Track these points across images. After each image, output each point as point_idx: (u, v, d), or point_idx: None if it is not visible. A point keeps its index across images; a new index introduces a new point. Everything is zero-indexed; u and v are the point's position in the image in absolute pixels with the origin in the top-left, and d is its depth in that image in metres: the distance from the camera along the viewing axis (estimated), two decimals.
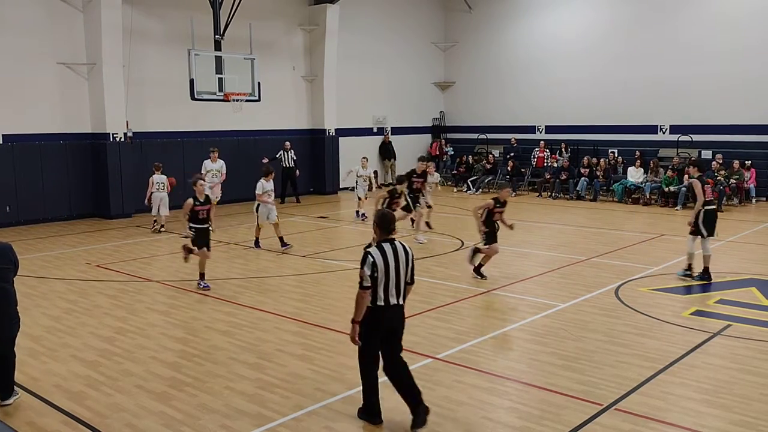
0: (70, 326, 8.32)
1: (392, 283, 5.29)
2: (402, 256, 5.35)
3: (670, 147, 20.65)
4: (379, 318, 5.34)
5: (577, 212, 18.15)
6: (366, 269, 5.19)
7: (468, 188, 22.76)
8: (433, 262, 11.81)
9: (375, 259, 5.22)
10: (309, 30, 21.85)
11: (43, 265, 11.78)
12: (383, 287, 5.26)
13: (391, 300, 5.31)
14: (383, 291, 5.28)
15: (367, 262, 5.21)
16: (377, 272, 5.19)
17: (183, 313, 8.87)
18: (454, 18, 26.23)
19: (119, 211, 17.23)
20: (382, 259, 5.23)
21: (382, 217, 5.46)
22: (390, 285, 5.29)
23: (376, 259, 5.21)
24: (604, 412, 5.70)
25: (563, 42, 22.97)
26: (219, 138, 19.44)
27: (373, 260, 5.21)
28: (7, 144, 15.89)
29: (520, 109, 24.19)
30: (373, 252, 5.25)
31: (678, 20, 20.61)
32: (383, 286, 5.26)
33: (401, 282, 5.36)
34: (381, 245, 5.31)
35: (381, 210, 5.65)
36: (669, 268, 10.98)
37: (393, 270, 5.28)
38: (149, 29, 17.93)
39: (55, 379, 6.57)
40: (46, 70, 16.34)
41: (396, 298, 5.35)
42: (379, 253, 5.26)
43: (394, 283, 5.31)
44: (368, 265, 5.19)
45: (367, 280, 5.20)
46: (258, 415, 5.70)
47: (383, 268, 5.22)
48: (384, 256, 5.26)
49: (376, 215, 5.51)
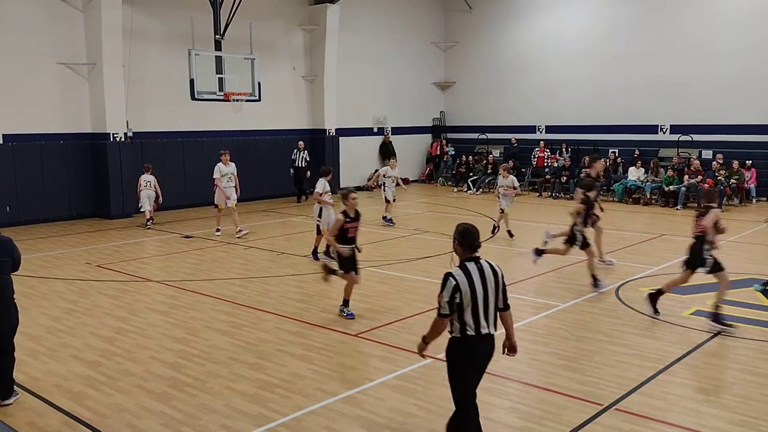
0: (71, 326, 8.32)
1: (481, 308, 4.54)
2: (490, 277, 4.60)
3: (670, 147, 20.65)
4: (471, 352, 4.61)
5: None
6: (444, 294, 4.48)
7: (468, 188, 22.76)
8: (433, 262, 11.81)
9: (458, 281, 4.47)
10: (309, 30, 21.85)
11: (44, 265, 11.78)
12: (471, 314, 4.52)
13: (482, 329, 4.56)
14: (472, 318, 4.53)
15: (447, 285, 4.48)
16: (460, 297, 4.46)
17: (183, 313, 8.87)
18: (455, 18, 26.23)
19: (119, 211, 17.23)
20: (467, 282, 4.49)
21: (464, 231, 4.68)
22: (479, 311, 4.54)
23: (459, 282, 4.47)
24: (605, 412, 5.70)
25: (563, 42, 22.97)
26: (219, 138, 19.46)
27: (455, 283, 4.47)
28: (8, 144, 15.90)
29: (521, 109, 24.19)
30: (455, 274, 4.52)
31: (678, 20, 20.61)
32: (471, 313, 4.52)
33: (490, 307, 4.60)
34: (464, 265, 4.59)
35: (463, 224, 4.79)
36: (669, 268, 10.97)
37: (481, 294, 4.52)
38: (149, 29, 17.94)
39: (55, 379, 6.57)
40: (46, 70, 16.35)
41: (487, 326, 4.60)
42: (463, 274, 4.52)
43: (483, 308, 4.55)
44: (448, 290, 4.47)
45: (445, 308, 4.48)
46: (258, 415, 5.70)
47: (469, 292, 4.48)
48: (469, 277, 4.51)
49: (458, 229, 4.72)
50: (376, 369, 6.74)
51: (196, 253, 12.84)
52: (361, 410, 5.78)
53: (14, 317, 6.11)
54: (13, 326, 6.11)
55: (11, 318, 6.08)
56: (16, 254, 6.12)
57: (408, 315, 8.57)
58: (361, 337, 7.74)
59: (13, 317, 6.09)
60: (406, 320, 8.37)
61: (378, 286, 10.16)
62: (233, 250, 13.15)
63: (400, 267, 11.42)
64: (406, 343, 7.45)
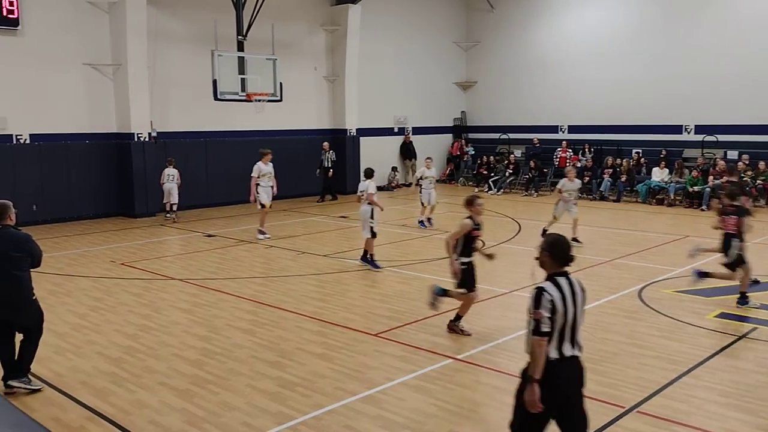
0: (95, 323, 8.44)
1: (569, 328, 4.16)
2: (579, 295, 4.24)
3: (695, 147, 20.37)
4: (553, 378, 4.09)
5: (600, 213, 17.98)
6: (544, 309, 4.07)
7: (489, 188, 22.67)
8: None
9: (553, 297, 4.10)
10: (331, 30, 21.92)
11: (69, 263, 11.96)
12: (560, 333, 4.13)
13: (566, 351, 4.15)
14: (557, 338, 4.13)
15: (544, 301, 4.08)
16: (554, 314, 4.09)
17: (205, 311, 8.96)
18: (476, 17, 26.14)
19: (143, 210, 17.44)
20: (561, 299, 4.12)
21: (555, 243, 4.31)
22: (566, 331, 4.15)
23: (555, 299, 4.09)
24: (627, 414, 5.65)
25: (586, 41, 22.77)
26: (241, 138, 19.60)
27: (551, 300, 4.08)
28: (35, 143, 16.17)
29: (543, 108, 24.02)
30: (549, 289, 4.13)
31: (703, 19, 20.33)
32: (560, 332, 4.13)
33: (577, 327, 4.22)
34: (555, 280, 4.20)
35: (554, 234, 4.45)
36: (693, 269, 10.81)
37: (571, 312, 4.16)
38: (173, 30, 18.13)
39: (80, 376, 6.67)
40: (72, 70, 16.60)
41: (572, 347, 4.19)
42: (556, 289, 4.15)
43: (570, 328, 4.17)
44: (546, 305, 4.07)
45: (547, 324, 4.06)
46: (279, 413, 5.73)
47: (562, 311, 4.10)
48: (561, 294, 4.14)
49: (548, 240, 4.36)
50: (396, 369, 6.75)
51: (218, 252, 12.95)
52: (380, 410, 5.79)
53: (37, 313, 6.28)
54: (35, 322, 6.27)
55: (33, 314, 6.25)
56: (36, 251, 6.25)
57: (428, 315, 8.56)
58: (381, 337, 7.75)
59: (36, 314, 6.26)
60: (425, 320, 8.36)
61: (398, 286, 10.17)
62: (255, 249, 13.24)
63: (419, 267, 11.41)
64: (426, 344, 7.46)
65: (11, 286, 6.08)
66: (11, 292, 6.10)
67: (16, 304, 6.14)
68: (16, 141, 15.93)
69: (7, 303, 6.10)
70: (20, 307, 6.16)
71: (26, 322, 6.23)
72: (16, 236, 6.15)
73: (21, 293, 6.13)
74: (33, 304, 6.25)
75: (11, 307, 6.13)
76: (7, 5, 15.14)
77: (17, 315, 6.17)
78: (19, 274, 6.10)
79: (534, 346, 4.09)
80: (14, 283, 6.08)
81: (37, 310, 6.30)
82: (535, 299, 4.13)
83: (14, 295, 6.11)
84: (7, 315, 6.14)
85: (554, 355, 4.11)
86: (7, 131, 15.75)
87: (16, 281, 6.08)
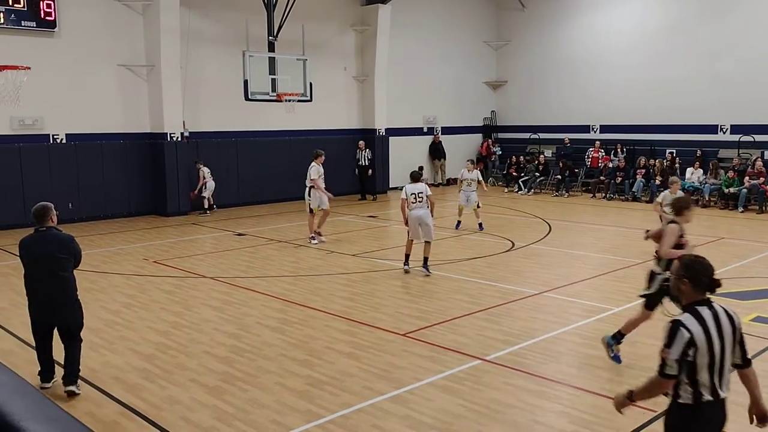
0: (128, 320, 8.59)
1: (716, 366, 3.59)
2: (726, 326, 3.64)
3: (731, 147, 19.95)
4: (707, 423, 3.63)
5: (633, 214, 17.73)
6: (674, 350, 3.53)
7: (519, 189, 22.50)
8: (483, 262, 11.72)
9: (692, 333, 3.52)
10: (361, 30, 21.97)
11: (104, 261, 12.19)
12: (708, 372, 3.57)
13: (720, 392, 3.62)
14: (709, 378, 3.58)
15: (678, 338, 3.53)
16: (694, 353, 3.52)
17: (235, 309, 9.05)
18: (507, 16, 25.96)
19: (176, 208, 17.69)
20: (703, 333, 3.54)
21: (696, 265, 3.66)
22: (715, 369, 3.59)
23: (693, 334, 3.52)
24: (658, 419, 5.55)
25: (618, 39, 22.44)
26: (271, 138, 19.77)
27: (689, 336, 3.51)
28: (71, 143, 16.52)
29: (574, 108, 23.74)
30: (687, 323, 3.55)
31: (739, 16, 19.87)
32: (708, 371, 3.57)
33: (726, 364, 3.65)
34: (696, 310, 3.61)
35: (693, 256, 3.79)
36: (729, 272, 10.61)
37: (718, 347, 3.57)
38: (205, 31, 18.36)
39: (113, 371, 6.79)
40: (107, 71, 16.92)
41: (722, 388, 3.65)
42: (697, 322, 3.56)
43: (719, 366, 3.61)
44: (679, 345, 3.52)
45: (673, 367, 3.54)
46: (307, 412, 5.77)
47: (705, 346, 3.53)
48: (704, 327, 3.55)
49: (685, 263, 3.71)
50: (424, 369, 6.74)
51: (248, 251, 13.08)
52: (408, 410, 5.79)
53: (79, 314, 6.32)
54: (78, 323, 6.30)
55: (76, 314, 6.28)
56: (78, 251, 6.30)
57: (456, 316, 8.54)
58: (409, 337, 7.75)
59: (77, 314, 6.30)
60: (454, 321, 8.34)
61: (426, 285, 10.15)
62: (284, 248, 13.34)
63: (447, 267, 11.38)
64: (454, 344, 7.43)
65: (56, 287, 6.10)
66: (55, 294, 6.12)
67: (60, 305, 6.15)
68: (53, 140, 16.30)
69: (50, 304, 6.14)
70: (64, 308, 6.17)
71: (69, 323, 6.23)
72: (60, 237, 6.18)
73: (65, 294, 6.15)
74: (75, 305, 6.26)
75: (54, 308, 6.16)
76: (44, 8, 15.50)
77: (60, 316, 6.19)
78: (65, 275, 6.12)
79: (655, 384, 3.68)
80: (59, 285, 6.10)
81: (78, 310, 6.31)
82: (668, 335, 3.57)
83: (58, 296, 6.13)
84: (49, 316, 6.18)
85: (708, 397, 3.58)
86: (44, 131, 16.12)
87: (61, 282, 6.10)
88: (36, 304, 6.20)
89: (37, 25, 15.50)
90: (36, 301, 6.19)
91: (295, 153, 19.69)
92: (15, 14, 15.12)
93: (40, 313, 6.20)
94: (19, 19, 15.20)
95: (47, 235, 6.14)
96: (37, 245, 6.13)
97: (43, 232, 6.14)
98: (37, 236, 6.15)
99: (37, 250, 6.11)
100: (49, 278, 6.09)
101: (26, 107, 14.55)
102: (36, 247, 6.13)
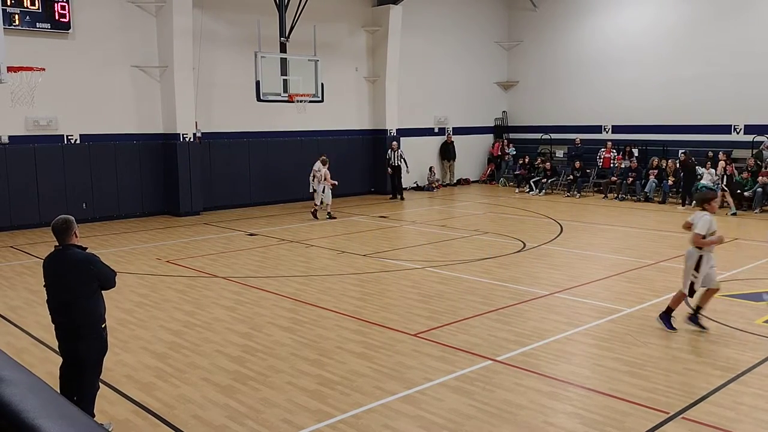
0: (141, 319, 8.66)
1: None
2: None
3: (744, 148, 19.78)
4: None
5: (645, 214, 17.63)
6: None
7: (530, 189, 22.43)
8: (494, 263, 11.71)
9: None
10: (372, 31, 22.00)
11: (117, 260, 12.28)
12: None
13: None
14: None
15: None
16: None
17: (247, 308, 9.09)
18: (519, 17, 25.90)
19: (188, 208, 17.80)
20: None
21: None
22: None
23: None
24: (671, 420, 5.53)
25: (630, 39, 22.33)
26: (283, 138, 19.84)
27: None
28: (84, 143, 16.66)
29: (586, 108, 23.64)
30: None
31: (752, 15, 19.71)
32: None
33: None
34: None
35: None
36: (742, 273, 10.54)
37: None
38: (218, 32, 18.45)
39: (126, 370, 6.85)
40: (120, 72, 17.05)
41: None
42: None
43: None
44: None
45: None
46: (318, 411, 5.79)
47: None
48: None
49: None
50: (435, 369, 6.74)
51: (259, 251, 13.13)
52: (419, 410, 5.79)
53: (94, 345, 5.50)
54: (87, 355, 5.47)
55: (89, 345, 5.46)
56: (102, 273, 5.49)
57: (467, 316, 8.53)
58: (420, 337, 7.75)
59: (92, 344, 5.48)
60: (465, 321, 8.33)
61: (437, 286, 10.15)
62: (296, 248, 13.38)
63: (459, 267, 11.37)
64: (465, 344, 7.43)
65: (65, 313, 5.39)
66: (65, 319, 5.41)
67: (75, 334, 5.40)
68: (67, 141, 16.44)
69: (66, 331, 5.44)
70: (79, 336, 5.40)
71: (82, 353, 5.41)
72: (77, 259, 5.38)
73: (75, 321, 5.38)
74: (93, 334, 5.45)
75: (70, 337, 5.44)
76: (59, 9, 15.64)
77: (70, 345, 5.45)
78: (76, 299, 5.36)
79: None
80: (68, 310, 5.38)
81: (94, 341, 5.47)
82: None
83: (68, 322, 5.40)
84: (65, 344, 5.48)
85: None
86: (59, 131, 16.26)
87: (69, 307, 5.38)
88: (55, 329, 5.57)
89: (51, 27, 15.64)
90: (55, 327, 5.57)
91: (307, 153, 19.77)
92: (30, 16, 15.27)
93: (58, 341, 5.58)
94: (33, 21, 15.35)
95: (63, 255, 5.42)
96: (53, 266, 5.46)
97: (61, 251, 5.44)
98: (54, 256, 5.48)
99: (53, 271, 5.46)
100: (60, 304, 5.42)
101: (41, 108, 14.72)
102: (51, 268, 5.47)
